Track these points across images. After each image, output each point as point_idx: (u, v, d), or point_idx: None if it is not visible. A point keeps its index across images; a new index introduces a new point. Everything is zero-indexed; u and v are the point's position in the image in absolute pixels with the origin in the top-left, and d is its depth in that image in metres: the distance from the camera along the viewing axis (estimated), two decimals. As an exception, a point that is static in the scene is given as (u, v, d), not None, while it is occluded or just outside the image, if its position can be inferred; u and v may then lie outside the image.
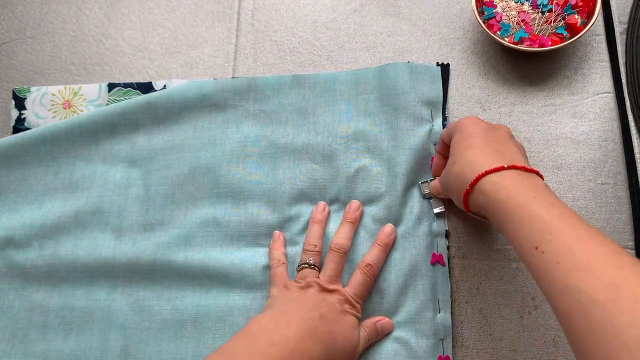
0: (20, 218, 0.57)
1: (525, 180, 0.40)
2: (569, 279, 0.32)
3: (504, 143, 0.44)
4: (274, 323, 0.45)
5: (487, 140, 0.44)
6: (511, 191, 0.39)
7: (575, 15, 0.56)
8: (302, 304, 0.47)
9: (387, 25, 0.62)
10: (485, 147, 0.43)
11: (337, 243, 0.51)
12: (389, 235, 0.52)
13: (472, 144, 0.44)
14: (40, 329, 0.54)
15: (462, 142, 0.45)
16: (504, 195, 0.39)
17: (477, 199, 0.41)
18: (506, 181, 0.40)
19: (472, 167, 0.42)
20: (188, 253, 0.54)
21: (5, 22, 0.66)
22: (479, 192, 0.41)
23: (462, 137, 0.45)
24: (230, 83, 0.59)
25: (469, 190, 0.42)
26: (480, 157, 0.42)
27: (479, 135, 0.44)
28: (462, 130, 0.46)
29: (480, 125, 0.46)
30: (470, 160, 0.43)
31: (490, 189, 0.40)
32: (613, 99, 0.56)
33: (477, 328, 0.51)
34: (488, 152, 0.42)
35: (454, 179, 0.44)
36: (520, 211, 0.37)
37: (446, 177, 0.46)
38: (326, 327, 0.45)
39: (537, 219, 0.36)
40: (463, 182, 0.42)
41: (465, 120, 0.47)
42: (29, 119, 0.61)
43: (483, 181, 0.41)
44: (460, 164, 0.43)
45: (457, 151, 0.45)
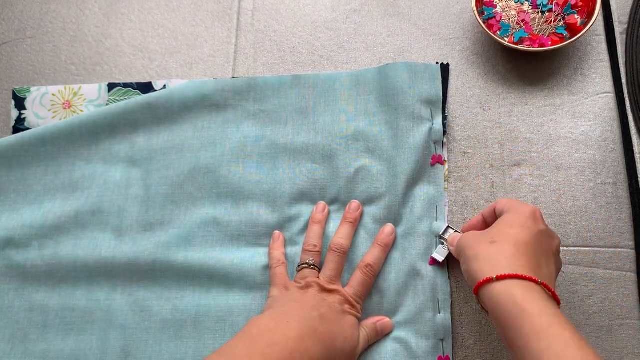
0: (20, 218, 0.57)
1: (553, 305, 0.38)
2: None
3: (549, 257, 0.42)
4: (274, 323, 0.45)
5: (536, 245, 0.41)
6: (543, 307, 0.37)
7: (575, 15, 0.56)
8: (302, 304, 0.47)
9: (387, 25, 0.62)
10: (530, 251, 0.41)
11: (337, 243, 0.51)
12: (389, 236, 0.52)
13: (520, 238, 0.41)
14: (40, 329, 0.54)
15: (512, 228, 0.42)
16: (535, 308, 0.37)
17: (497, 295, 0.39)
18: (537, 295, 0.38)
19: (509, 262, 0.40)
20: (188, 253, 0.54)
21: (5, 22, 0.66)
22: (504, 291, 0.38)
23: (514, 222, 0.43)
24: (230, 83, 0.59)
25: (492, 279, 0.39)
26: (521, 256, 0.40)
27: (531, 233, 0.42)
28: (518, 216, 0.43)
29: (538, 224, 0.43)
30: (511, 252, 0.40)
31: (520, 294, 0.38)
32: (613, 99, 0.56)
33: (477, 328, 0.51)
34: (530, 257, 0.40)
35: (483, 257, 0.41)
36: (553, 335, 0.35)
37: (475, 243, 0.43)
38: (326, 327, 0.45)
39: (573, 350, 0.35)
40: (491, 268, 0.40)
41: (527, 208, 0.44)
42: (29, 119, 0.61)
43: (513, 282, 0.38)
44: (499, 250, 0.41)
45: (502, 233, 0.42)
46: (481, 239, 0.43)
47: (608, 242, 0.52)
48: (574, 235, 0.53)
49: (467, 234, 0.46)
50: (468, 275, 0.43)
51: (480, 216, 0.50)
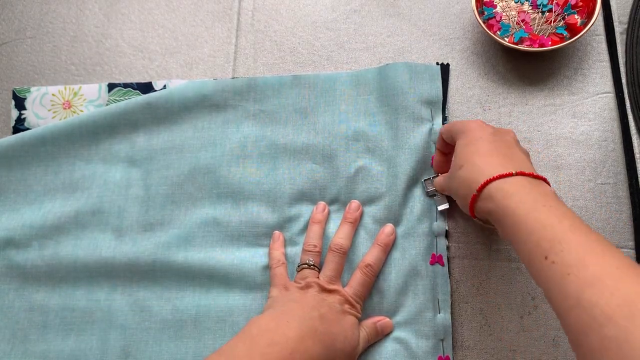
0: (20, 218, 0.57)
1: (534, 187, 0.39)
2: (581, 293, 0.31)
3: (511, 149, 0.44)
4: (274, 323, 0.45)
5: (495, 145, 0.43)
6: (520, 198, 0.38)
7: (575, 15, 0.56)
8: (302, 305, 0.47)
9: (387, 25, 0.62)
10: (493, 153, 0.42)
11: (337, 243, 0.51)
12: (389, 236, 0.52)
13: (479, 149, 0.43)
14: (40, 329, 0.54)
15: (468, 146, 0.44)
16: (513, 202, 0.38)
17: (484, 205, 0.41)
18: (514, 188, 0.39)
19: (480, 172, 0.41)
20: (188, 253, 0.54)
21: (5, 22, 0.66)
22: (486, 198, 0.40)
23: (468, 141, 0.45)
24: (230, 83, 0.59)
25: (475, 195, 0.41)
26: (488, 162, 0.42)
27: (486, 139, 0.44)
28: (468, 134, 0.45)
29: (487, 129, 0.45)
30: (477, 165, 0.42)
31: (498, 195, 0.39)
32: (613, 99, 0.56)
33: (477, 328, 0.51)
34: (496, 157, 0.42)
35: (461, 183, 0.43)
36: (529, 219, 0.37)
37: (452, 180, 0.45)
38: (326, 327, 0.45)
39: (548, 227, 0.36)
40: (470, 187, 0.42)
41: (471, 123, 0.46)
42: (29, 119, 0.61)
43: (490, 187, 0.40)
44: (468, 169, 0.43)
45: (463, 155, 0.44)
46: (453, 172, 0.45)
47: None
48: (574, 235, 0.53)
49: (442, 176, 0.51)
50: (463, 207, 0.45)
51: (437, 151, 0.52)
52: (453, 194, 0.47)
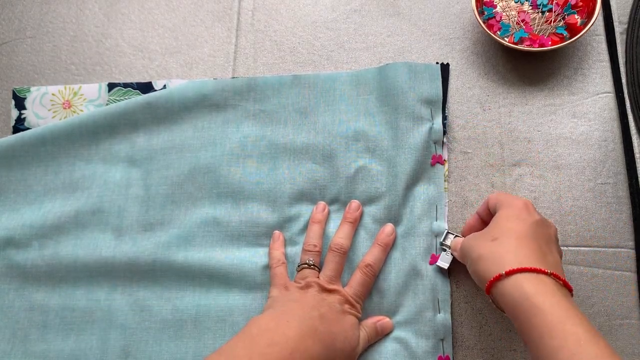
0: (20, 218, 0.57)
1: (565, 296, 0.38)
2: None
3: (549, 245, 0.42)
4: (274, 323, 0.45)
5: (536, 235, 0.42)
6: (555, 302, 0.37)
7: (575, 15, 0.56)
8: (302, 304, 0.47)
9: (387, 25, 0.62)
10: (531, 241, 0.41)
11: (337, 243, 0.51)
12: (389, 235, 0.52)
13: (520, 231, 0.42)
14: (40, 329, 0.54)
15: (509, 221, 0.43)
16: (547, 303, 0.37)
17: (508, 291, 0.39)
18: (548, 288, 0.38)
19: (514, 254, 0.40)
20: (188, 253, 0.54)
21: (5, 22, 0.66)
22: (515, 286, 0.38)
23: (510, 216, 0.43)
24: (230, 83, 0.59)
25: (501, 276, 0.39)
26: (524, 248, 0.40)
27: (529, 224, 0.42)
28: (514, 210, 0.44)
29: (534, 215, 0.44)
30: (513, 246, 0.40)
31: (530, 289, 0.38)
32: (613, 99, 0.56)
33: (477, 328, 0.51)
34: (533, 248, 0.40)
35: (487, 253, 0.41)
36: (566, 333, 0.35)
37: (477, 244, 0.43)
38: (326, 327, 0.45)
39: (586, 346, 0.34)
40: (497, 264, 0.40)
41: (519, 201, 0.45)
42: (29, 119, 0.61)
43: (522, 276, 0.38)
44: (501, 245, 0.41)
45: (501, 228, 0.43)
46: (482, 239, 0.43)
47: (608, 242, 0.52)
48: (574, 235, 0.53)
49: (468, 237, 0.46)
50: (477, 276, 0.43)
51: (476, 215, 0.50)
52: (470, 257, 0.44)
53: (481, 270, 0.41)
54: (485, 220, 0.49)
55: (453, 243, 0.51)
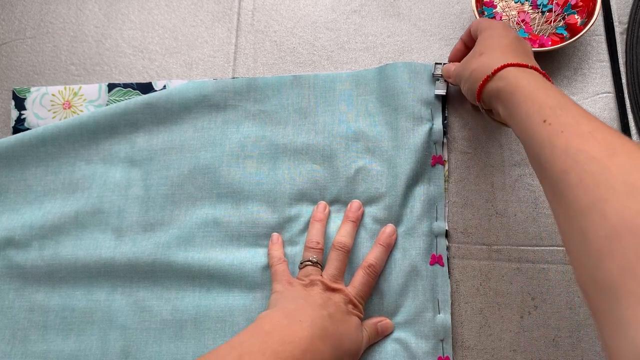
0: (20, 218, 0.57)
1: (544, 80, 0.41)
2: (570, 143, 0.33)
3: (528, 54, 0.47)
4: (287, 320, 0.44)
5: (516, 45, 0.46)
6: (530, 80, 0.40)
7: (575, 15, 0.56)
8: (311, 303, 0.47)
9: (387, 26, 0.62)
10: (512, 49, 0.45)
11: (340, 242, 0.51)
12: (391, 236, 0.52)
13: (502, 43, 0.46)
14: (40, 330, 0.54)
15: (492, 39, 0.47)
16: (523, 81, 0.40)
17: (494, 84, 0.43)
18: (527, 75, 0.41)
19: (498, 59, 0.44)
20: (188, 253, 0.54)
21: (5, 22, 0.66)
22: (500, 78, 0.42)
23: (493, 35, 0.48)
24: (230, 83, 0.59)
25: (489, 77, 0.43)
26: (507, 53, 0.44)
27: (509, 38, 0.47)
28: (493, 30, 0.48)
29: (511, 31, 0.48)
30: (497, 54, 0.45)
31: (511, 76, 0.42)
32: (613, 99, 0.56)
33: (477, 328, 0.51)
34: (514, 53, 0.45)
35: (477, 66, 0.45)
36: (538, 93, 0.39)
37: (468, 64, 0.47)
38: (335, 328, 0.45)
39: (552, 98, 0.37)
40: (486, 69, 0.44)
41: (498, 23, 0.49)
42: (28, 120, 0.61)
43: (505, 70, 0.42)
44: (487, 55, 0.45)
45: (486, 45, 0.47)
46: (471, 58, 0.48)
47: (608, 242, 0.52)
48: (574, 236, 0.53)
49: (459, 62, 0.51)
50: (470, 91, 0.47)
51: (460, 41, 0.54)
52: (463, 79, 0.48)
53: (473, 82, 0.46)
54: (468, 46, 0.53)
55: (444, 70, 0.54)
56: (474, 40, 0.51)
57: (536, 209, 0.54)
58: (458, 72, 0.50)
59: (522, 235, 0.53)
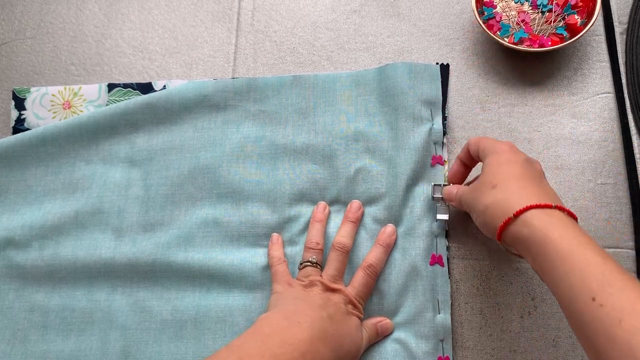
0: (20, 219, 0.57)
1: (571, 223, 0.39)
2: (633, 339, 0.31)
3: (542, 180, 0.43)
4: (286, 322, 0.44)
5: (529, 174, 0.42)
6: (561, 232, 0.37)
7: (575, 15, 0.56)
8: (311, 304, 0.47)
9: (387, 26, 0.62)
10: (527, 180, 0.42)
11: (340, 242, 0.51)
12: (391, 236, 0.52)
13: (514, 173, 0.42)
14: (40, 330, 0.54)
15: (502, 166, 0.43)
16: (554, 234, 0.37)
17: (518, 230, 0.39)
18: (555, 220, 0.38)
19: (517, 196, 0.40)
20: (188, 253, 0.54)
21: (5, 22, 0.66)
22: (524, 224, 0.39)
23: (501, 161, 0.44)
24: (230, 83, 0.59)
25: (510, 219, 0.40)
26: (524, 188, 0.41)
27: (519, 164, 0.43)
28: (500, 155, 0.44)
29: (520, 155, 0.44)
30: (513, 189, 0.41)
31: (537, 223, 0.38)
32: (613, 99, 0.56)
33: (477, 328, 0.51)
34: (531, 186, 0.41)
35: (492, 202, 0.42)
36: (574, 255, 0.36)
37: (479, 197, 0.44)
38: (335, 329, 0.45)
39: (594, 267, 0.35)
40: (504, 209, 0.40)
41: (503, 144, 0.45)
42: (28, 120, 0.61)
43: (529, 214, 0.39)
44: (503, 190, 0.41)
45: (497, 175, 0.43)
46: (482, 189, 0.44)
47: (608, 242, 0.52)
48: (574, 236, 0.53)
49: (466, 189, 0.47)
50: (486, 226, 0.43)
51: (458, 160, 0.51)
52: (476, 212, 0.44)
53: (489, 219, 0.42)
54: (467, 165, 0.50)
55: (445, 193, 0.51)
56: (474, 160, 0.48)
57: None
58: (467, 202, 0.46)
59: (522, 235, 0.53)
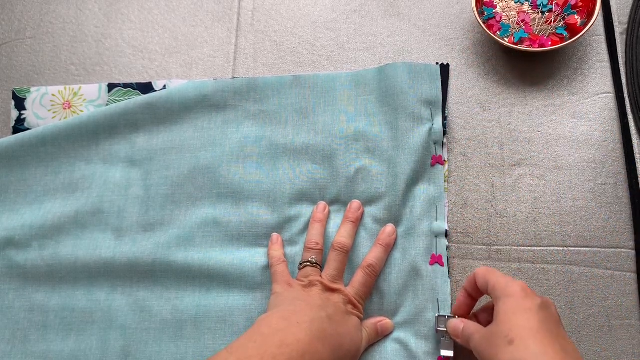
0: (20, 218, 0.57)
1: None
2: None
3: (559, 329, 0.41)
4: (285, 323, 0.44)
5: (547, 325, 0.40)
6: None
7: (575, 16, 0.56)
8: (310, 304, 0.47)
9: (387, 26, 0.62)
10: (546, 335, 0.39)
11: (340, 242, 0.51)
12: (391, 236, 0.52)
13: (531, 326, 0.39)
14: (40, 330, 0.54)
15: (517, 317, 0.40)
16: None
17: None
18: None
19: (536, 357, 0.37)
20: (188, 253, 0.54)
21: (5, 22, 0.66)
22: None
23: (516, 310, 0.41)
24: (230, 83, 0.59)
25: None
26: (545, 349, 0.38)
27: (536, 314, 0.40)
28: (513, 300, 0.41)
29: (534, 300, 0.41)
30: (534, 349, 0.38)
31: None
32: (613, 99, 0.56)
33: (477, 328, 0.51)
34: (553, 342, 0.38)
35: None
36: None
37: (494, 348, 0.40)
38: (334, 329, 0.45)
39: None
40: None
41: (515, 285, 0.42)
42: (28, 120, 0.61)
43: None
44: (522, 350, 0.38)
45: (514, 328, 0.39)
46: (496, 342, 0.40)
47: (608, 242, 0.52)
48: (574, 236, 0.53)
49: (477, 333, 0.43)
50: None
51: (463, 291, 0.48)
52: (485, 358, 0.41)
53: None
54: (474, 297, 0.47)
55: (451, 327, 0.47)
56: (480, 292, 0.46)
57: (536, 209, 0.54)
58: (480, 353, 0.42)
59: (522, 235, 0.53)
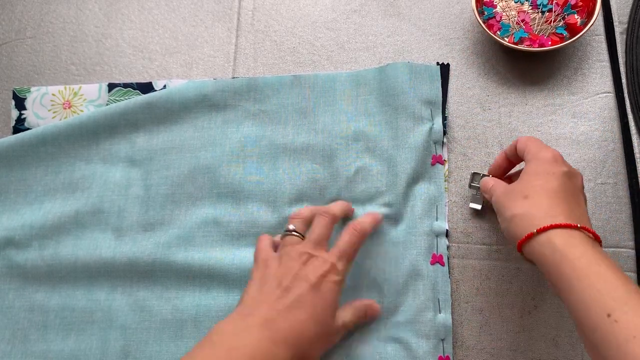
0: (20, 218, 0.57)
1: (594, 245, 0.39)
2: None
3: (578, 196, 0.43)
4: (235, 327, 0.43)
5: (565, 188, 0.42)
6: (582, 251, 0.38)
7: (575, 15, 0.56)
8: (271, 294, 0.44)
9: (387, 25, 0.62)
10: (560, 196, 0.42)
11: (326, 209, 0.50)
12: (380, 215, 0.52)
13: (549, 187, 0.42)
14: (40, 329, 0.54)
15: (539, 177, 0.43)
16: (574, 253, 0.38)
17: (538, 247, 0.40)
18: (577, 240, 0.39)
19: (544, 213, 0.41)
20: (188, 253, 0.54)
21: (5, 22, 0.66)
22: (546, 242, 0.40)
23: (540, 170, 0.44)
24: (230, 83, 0.59)
25: (532, 234, 0.40)
26: (555, 205, 0.41)
27: (557, 178, 0.43)
28: (541, 163, 0.44)
29: (561, 167, 0.44)
30: (544, 205, 0.41)
31: (558, 242, 0.39)
32: (613, 99, 0.56)
33: (477, 328, 0.51)
34: (563, 203, 0.41)
35: (519, 213, 0.42)
36: (591, 272, 0.37)
37: (510, 201, 0.44)
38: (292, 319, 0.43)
39: (612, 285, 0.36)
40: (529, 223, 0.41)
41: (547, 152, 0.45)
42: (29, 119, 0.61)
43: (553, 232, 0.40)
44: (532, 204, 0.42)
45: (531, 186, 0.43)
46: (514, 197, 0.44)
47: (608, 242, 0.52)
48: (574, 235, 0.53)
49: (501, 189, 0.46)
50: (509, 234, 0.43)
51: (503, 154, 0.50)
52: (502, 216, 0.45)
53: (513, 229, 0.42)
54: (512, 161, 0.50)
55: (482, 183, 0.50)
56: (518, 157, 0.48)
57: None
58: (498, 205, 0.45)
59: (522, 235, 0.53)
